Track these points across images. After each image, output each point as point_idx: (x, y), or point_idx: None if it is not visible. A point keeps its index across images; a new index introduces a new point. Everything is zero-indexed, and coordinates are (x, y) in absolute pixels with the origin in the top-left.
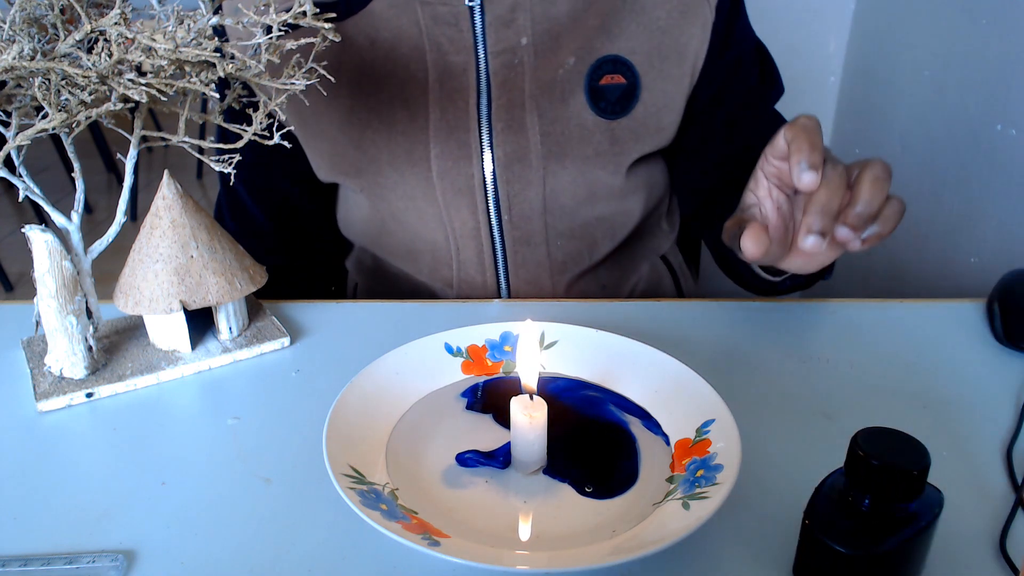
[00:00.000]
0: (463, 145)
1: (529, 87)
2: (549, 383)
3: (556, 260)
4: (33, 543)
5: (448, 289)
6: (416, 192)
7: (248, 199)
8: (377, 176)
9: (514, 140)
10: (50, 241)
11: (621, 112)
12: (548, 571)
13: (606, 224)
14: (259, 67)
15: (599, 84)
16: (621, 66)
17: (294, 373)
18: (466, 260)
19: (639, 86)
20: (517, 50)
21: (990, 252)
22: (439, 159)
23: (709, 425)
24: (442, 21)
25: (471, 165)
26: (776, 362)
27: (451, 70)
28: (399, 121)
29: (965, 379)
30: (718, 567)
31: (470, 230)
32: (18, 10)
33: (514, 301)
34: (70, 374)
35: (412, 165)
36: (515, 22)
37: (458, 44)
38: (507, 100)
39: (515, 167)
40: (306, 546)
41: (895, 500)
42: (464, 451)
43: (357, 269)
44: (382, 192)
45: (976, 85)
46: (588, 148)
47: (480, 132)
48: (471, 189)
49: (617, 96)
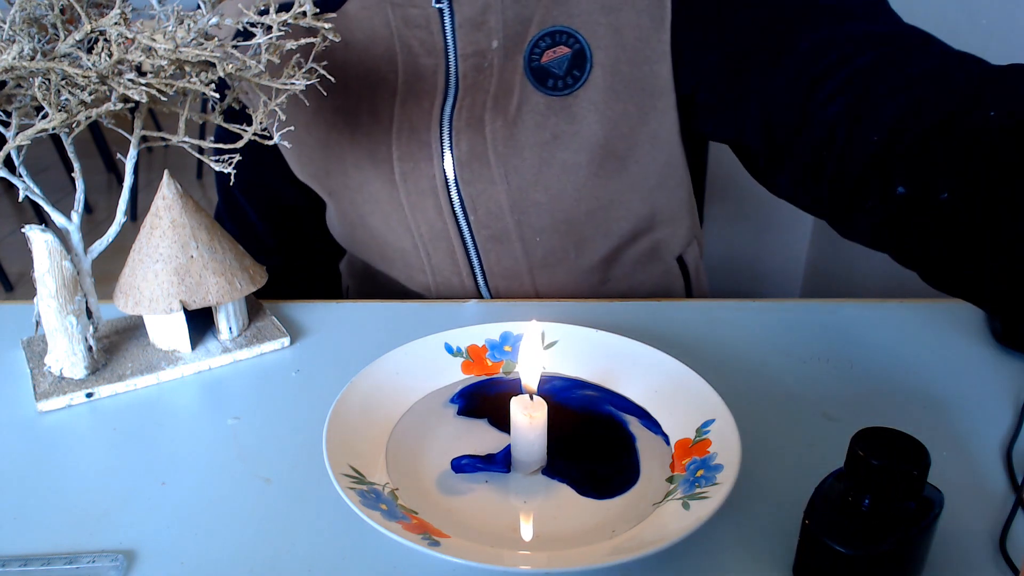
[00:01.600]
0: (424, 146)
1: (493, 88)
2: (549, 383)
3: (535, 257)
4: (33, 543)
5: (428, 293)
6: (381, 195)
7: (243, 200)
8: (343, 178)
9: (470, 138)
10: (50, 241)
11: (575, 83)
12: (548, 571)
13: (596, 219)
14: (259, 67)
15: (541, 63)
16: (561, 36)
17: (294, 373)
18: (439, 264)
19: (588, 48)
20: (487, 53)
21: None
22: (401, 160)
23: (709, 425)
24: (412, 23)
25: (432, 166)
26: (776, 362)
27: (420, 72)
28: (363, 123)
29: (965, 379)
30: (718, 567)
31: (438, 232)
32: (18, 10)
33: (516, 301)
34: (70, 374)
35: (375, 166)
36: (485, 24)
37: (428, 46)
38: (471, 101)
39: (474, 165)
40: (306, 546)
41: (895, 500)
42: (460, 456)
43: (349, 272)
44: (349, 195)
45: None
46: (545, 133)
47: (441, 133)
48: (434, 190)
49: (565, 68)
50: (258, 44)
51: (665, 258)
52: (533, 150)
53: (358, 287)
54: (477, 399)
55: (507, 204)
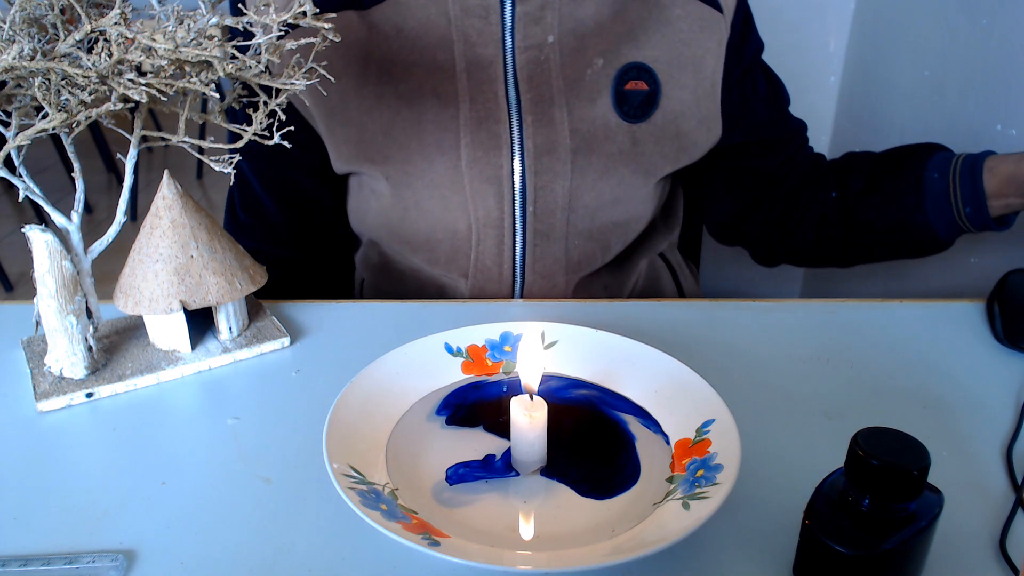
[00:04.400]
0: (494, 136)
1: (557, 83)
2: (548, 382)
3: (572, 259)
4: (33, 543)
5: (462, 280)
6: (443, 181)
7: (261, 190)
8: (405, 164)
9: (544, 133)
10: (50, 241)
11: (642, 117)
12: (548, 571)
13: (621, 229)
14: (259, 67)
15: (624, 89)
16: (644, 73)
17: (294, 373)
18: (485, 250)
19: (660, 93)
20: (544, 47)
21: (990, 252)
22: (469, 148)
23: (709, 425)
24: (472, 13)
25: (501, 156)
26: (776, 362)
27: (479, 62)
28: (429, 109)
29: (965, 379)
30: (718, 567)
31: (494, 220)
32: (18, 10)
33: (515, 301)
34: (70, 374)
35: (442, 153)
36: (543, 20)
37: (486, 36)
38: (536, 95)
39: (544, 159)
40: (306, 546)
41: (895, 500)
42: (456, 465)
43: (364, 264)
44: (408, 180)
45: (976, 85)
46: (612, 146)
47: (511, 124)
48: (499, 179)
49: (640, 101)
50: (258, 44)
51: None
52: (600, 159)
53: (373, 281)
54: (463, 408)
55: (564, 201)
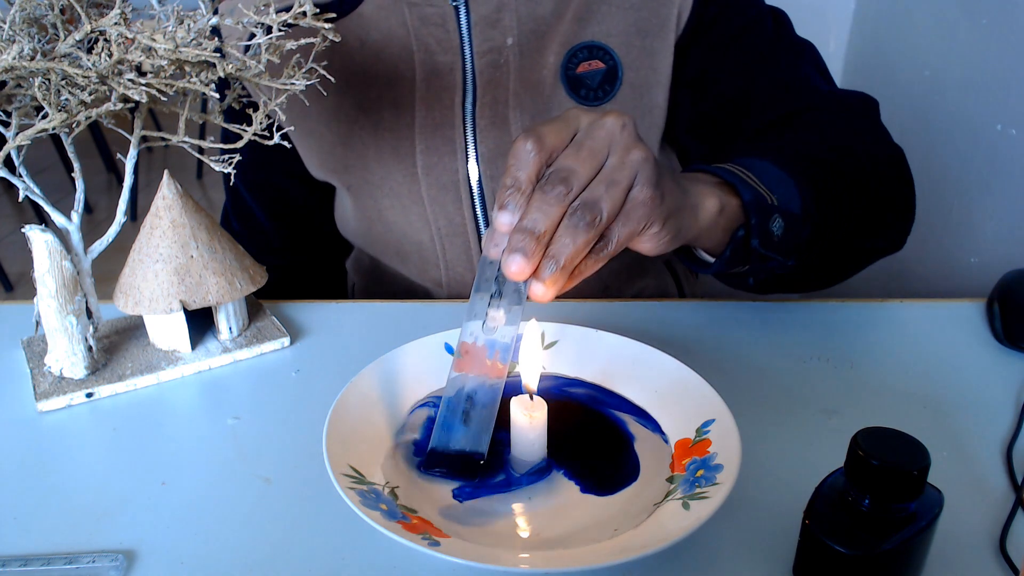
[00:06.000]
0: (448, 141)
1: (514, 85)
2: (547, 381)
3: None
4: (33, 543)
5: (439, 289)
6: (401, 190)
7: (250, 199)
8: (364, 172)
9: (497, 136)
10: (50, 241)
11: (605, 97)
12: (548, 571)
13: None
14: (259, 67)
15: (576, 73)
16: (598, 51)
17: (294, 373)
18: (453, 259)
19: (620, 67)
20: (503, 50)
21: (990, 252)
22: (424, 155)
23: (709, 425)
24: (429, 22)
25: (455, 161)
26: (776, 362)
27: (438, 70)
28: (385, 118)
29: (965, 379)
30: (718, 567)
31: (456, 228)
32: (18, 10)
33: None
34: (70, 374)
35: (398, 161)
36: (501, 22)
37: (445, 44)
38: (491, 98)
39: (498, 162)
40: (306, 546)
41: (895, 500)
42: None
43: (356, 269)
44: (369, 189)
45: (976, 85)
46: None
47: (465, 129)
48: (455, 185)
49: (598, 82)
50: (258, 44)
51: (656, 263)
52: None
53: (364, 285)
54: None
55: None
